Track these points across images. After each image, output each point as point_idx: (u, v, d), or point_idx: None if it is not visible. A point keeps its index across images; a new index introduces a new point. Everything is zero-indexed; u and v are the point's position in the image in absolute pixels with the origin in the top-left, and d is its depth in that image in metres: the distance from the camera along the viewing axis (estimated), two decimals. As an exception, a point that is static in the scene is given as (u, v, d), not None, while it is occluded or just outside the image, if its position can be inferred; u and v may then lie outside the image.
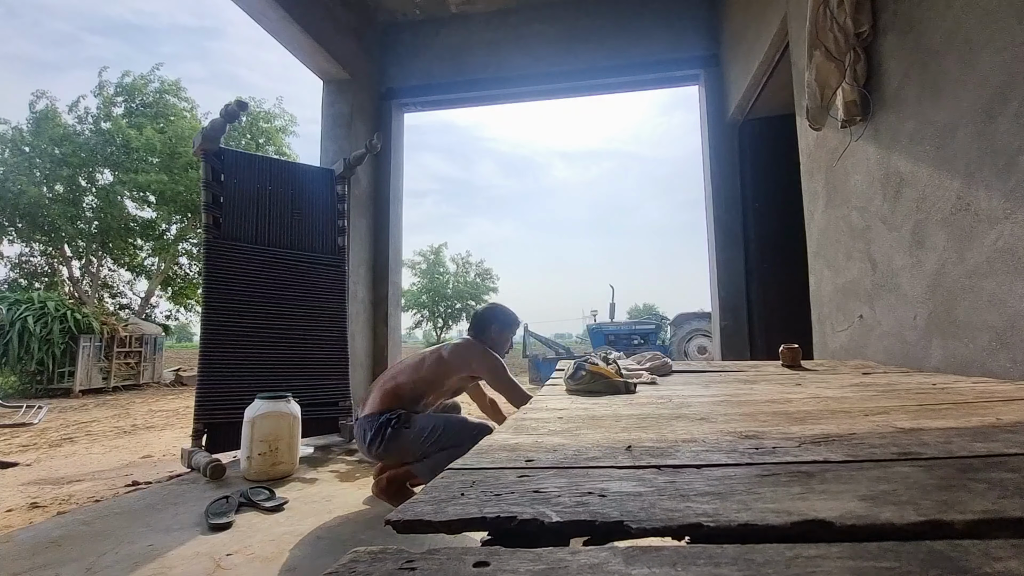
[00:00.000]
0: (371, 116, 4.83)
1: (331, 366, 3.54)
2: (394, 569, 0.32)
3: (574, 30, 4.75)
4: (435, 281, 26.02)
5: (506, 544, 0.38)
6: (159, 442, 4.16)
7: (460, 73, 4.91)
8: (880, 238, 1.97)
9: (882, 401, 1.01)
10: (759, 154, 4.29)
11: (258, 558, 1.66)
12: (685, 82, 4.76)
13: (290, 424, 2.73)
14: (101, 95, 12.11)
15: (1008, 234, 1.34)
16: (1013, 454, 0.56)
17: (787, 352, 1.86)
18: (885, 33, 1.90)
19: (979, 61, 1.43)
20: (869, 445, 0.62)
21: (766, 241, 4.21)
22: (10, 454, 3.74)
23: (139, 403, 7.16)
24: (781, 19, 2.97)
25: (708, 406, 1.01)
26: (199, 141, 3.17)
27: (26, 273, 12.43)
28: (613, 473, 0.53)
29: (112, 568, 1.60)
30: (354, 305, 4.27)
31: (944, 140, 1.59)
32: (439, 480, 0.51)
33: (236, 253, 3.26)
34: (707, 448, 0.63)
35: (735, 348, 4.26)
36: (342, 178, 3.85)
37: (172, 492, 2.45)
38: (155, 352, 9.77)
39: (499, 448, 0.66)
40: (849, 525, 0.36)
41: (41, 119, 11.45)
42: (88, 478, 2.98)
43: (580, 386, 1.30)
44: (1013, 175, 1.32)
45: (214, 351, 3.08)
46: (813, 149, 2.58)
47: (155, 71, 12.63)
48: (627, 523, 0.38)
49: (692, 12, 4.59)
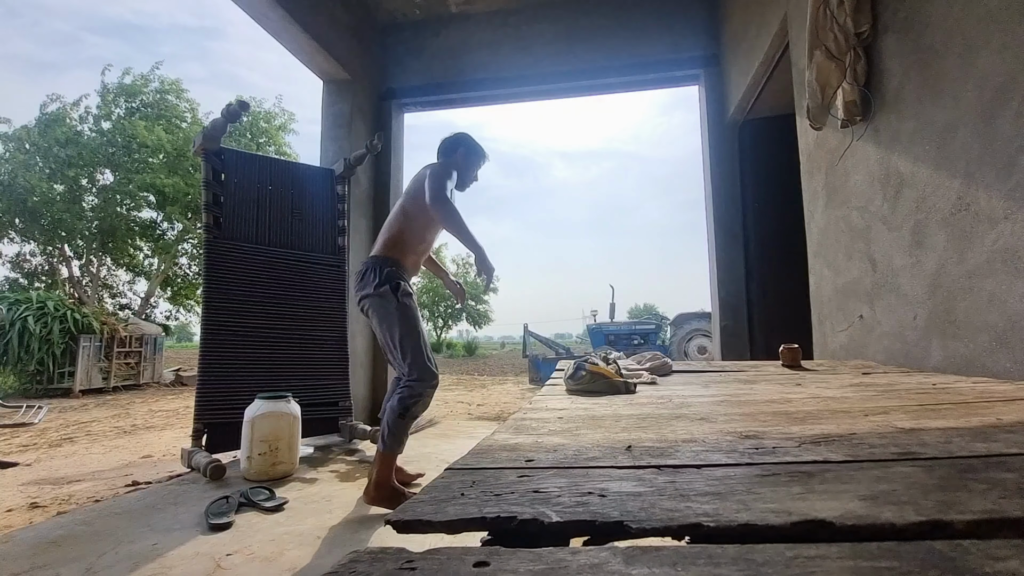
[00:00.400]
0: (371, 116, 4.83)
1: (331, 366, 3.54)
2: (394, 569, 0.32)
3: (574, 30, 4.75)
4: (435, 281, 26.03)
5: (506, 544, 0.38)
6: (159, 442, 4.16)
7: (460, 73, 4.91)
8: (880, 238, 1.97)
9: (882, 401, 1.01)
10: (759, 154, 4.29)
11: (258, 558, 1.66)
12: (685, 82, 4.76)
13: (290, 424, 2.73)
14: (103, 95, 12.10)
15: (1008, 234, 1.34)
16: (1013, 454, 0.56)
17: (787, 352, 1.87)
18: (885, 33, 1.90)
19: (979, 61, 1.43)
20: (869, 445, 0.62)
21: (766, 241, 4.21)
22: (10, 454, 3.74)
23: (139, 403, 7.16)
24: (781, 19, 2.97)
25: (708, 406, 1.01)
26: (199, 140, 3.17)
27: (26, 273, 12.43)
28: (613, 473, 0.53)
29: (112, 568, 1.60)
30: (354, 305, 4.26)
31: (944, 140, 1.59)
32: (439, 480, 0.51)
33: (236, 253, 3.26)
34: (707, 448, 0.63)
35: (735, 348, 4.26)
36: (342, 178, 3.85)
37: (172, 492, 2.45)
38: (155, 352, 9.77)
39: (499, 448, 0.66)
40: (849, 525, 0.36)
41: (52, 120, 11.44)
42: (88, 478, 2.98)
43: (580, 386, 1.30)
44: (1013, 175, 1.32)
45: (214, 351, 3.08)
46: (813, 149, 2.58)
47: (155, 70, 12.60)
48: (627, 523, 0.38)
49: (692, 12, 4.58)
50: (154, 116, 12.10)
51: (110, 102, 12.09)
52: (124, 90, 12.20)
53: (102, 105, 12.06)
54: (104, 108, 12.04)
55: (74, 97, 12.87)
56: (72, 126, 11.67)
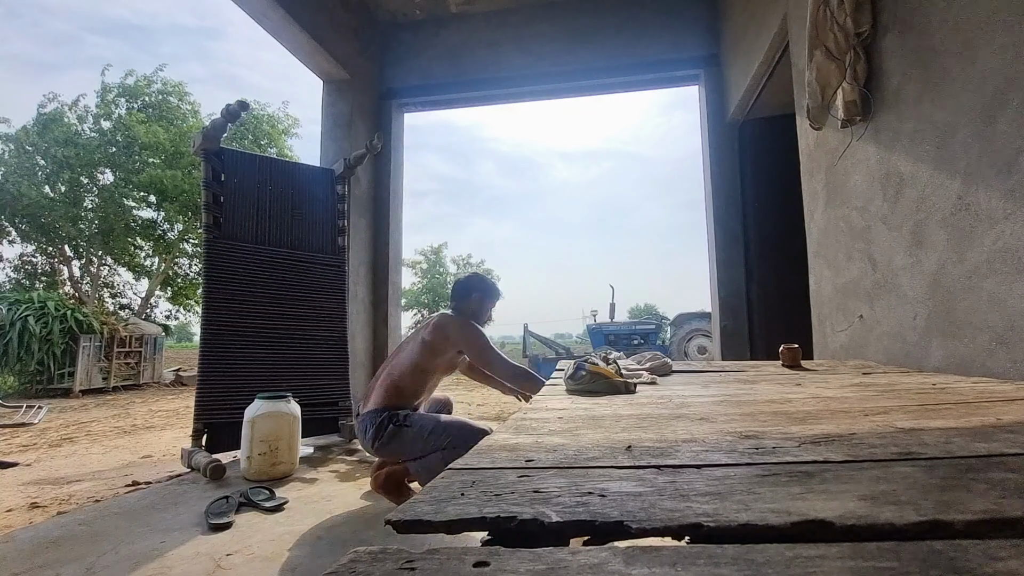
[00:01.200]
0: (371, 116, 4.83)
1: (331, 366, 3.54)
2: (394, 569, 0.32)
3: (574, 30, 4.75)
4: (435, 281, 26.05)
5: (506, 544, 0.38)
6: (159, 442, 4.16)
7: (460, 73, 4.91)
8: (880, 238, 1.96)
9: (882, 401, 1.01)
10: (759, 154, 4.29)
11: (258, 558, 1.66)
12: (685, 82, 4.76)
13: (290, 424, 2.73)
14: (103, 94, 12.06)
15: (1008, 234, 1.34)
16: (1013, 454, 0.56)
17: (787, 352, 1.86)
18: (885, 33, 1.90)
19: (979, 61, 1.43)
20: (869, 445, 0.62)
21: (766, 241, 4.21)
22: (10, 454, 3.74)
23: (139, 403, 7.16)
24: (781, 19, 2.97)
25: (708, 406, 1.01)
26: (199, 140, 3.17)
27: (27, 273, 12.42)
28: (613, 473, 0.53)
29: (112, 568, 1.60)
30: (354, 305, 4.27)
31: (944, 140, 1.59)
32: (439, 480, 0.51)
33: (236, 253, 3.26)
34: (707, 448, 0.63)
35: (735, 348, 4.26)
36: (342, 178, 3.86)
37: (172, 492, 2.45)
38: (155, 352, 9.77)
39: (499, 448, 0.66)
40: (849, 525, 0.36)
41: (50, 120, 11.41)
42: (88, 478, 2.98)
43: (580, 386, 1.30)
44: (1013, 175, 1.32)
45: (214, 351, 3.08)
46: (813, 149, 2.58)
47: (158, 72, 12.56)
48: (627, 523, 0.38)
49: (692, 12, 4.59)
50: (156, 117, 12.08)
51: (110, 102, 12.07)
52: (127, 91, 12.18)
53: (101, 105, 12.05)
54: (103, 108, 12.02)
55: (72, 97, 12.77)
56: (71, 126, 11.65)
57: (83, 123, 11.93)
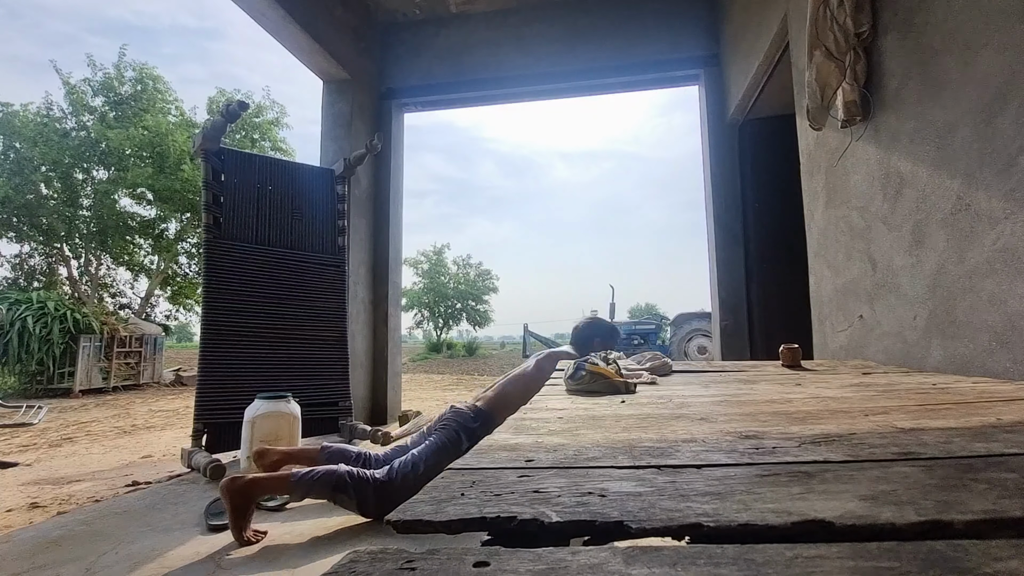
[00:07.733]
0: (371, 116, 4.82)
1: (331, 366, 3.54)
2: (394, 569, 0.32)
3: (574, 30, 4.75)
4: (436, 280, 26.06)
5: (506, 544, 0.38)
6: (159, 442, 4.16)
7: (460, 73, 4.91)
8: (880, 238, 1.97)
9: (882, 401, 1.01)
10: (759, 154, 4.29)
11: (258, 558, 1.66)
12: (685, 82, 4.76)
13: (290, 424, 2.73)
14: (70, 93, 11.66)
15: (1008, 234, 1.34)
16: (1013, 454, 0.56)
17: (787, 352, 1.86)
18: (885, 33, 1.90)
19: (979, 61, 1.43)
20: (869, 445, 0.62)
21: (766, 241, 4.21)
22: (10, 454, 3.74)
23: (139, 403, 7.16)
24: (781, 19, 2.97)
25: (708, 406, 1.01)
26: (199, 140, 3.17)
27: (25, 273, 12.39)
28: (613, 473, 0.53)
29: (112, 568, 1.60)
30: (354, 305, 4.27)
31: (944, 140, 1.59)
32: (439, 480, 0.51)
33: (236, 253, 3.26)
34: (707, 448, 0.63)
35: (735, 348, 4.26)
36: (342, 178, 3.85)
37: (172, 492, 2.45)
38: (155, 352, 9.77)
39: (499, 448, 0.66)
40: (849, 525, 0.36)
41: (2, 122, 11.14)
42: (88, 478, 2.97)
43: (580, 386, 1.30)
44: (1013, 175, 1.32)
45: (214, 351, 3.08)
46: (813, 149, 2.58)
47: (122, 56, 12.03)
48: (627, 523, 0.38)
49: (692, 12, 4.58)
50: (133, 113, 11.74)
51: (82, 106, 11.69)
52: (104, 86, 11.85)
53: (71, 104, 11.68)
54: (77, 104, 11.65)
55: (57, 98, 12.33)
56: (41, 124, 11.29)
57: (62, 123, 11.66)
